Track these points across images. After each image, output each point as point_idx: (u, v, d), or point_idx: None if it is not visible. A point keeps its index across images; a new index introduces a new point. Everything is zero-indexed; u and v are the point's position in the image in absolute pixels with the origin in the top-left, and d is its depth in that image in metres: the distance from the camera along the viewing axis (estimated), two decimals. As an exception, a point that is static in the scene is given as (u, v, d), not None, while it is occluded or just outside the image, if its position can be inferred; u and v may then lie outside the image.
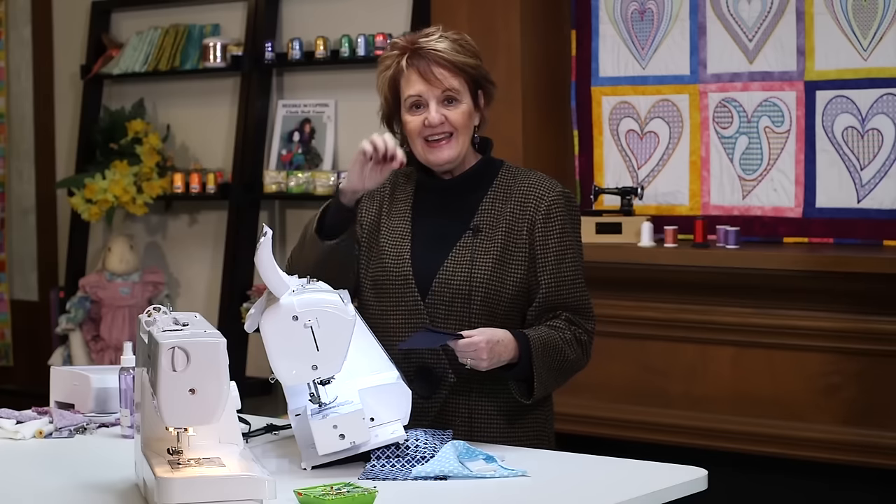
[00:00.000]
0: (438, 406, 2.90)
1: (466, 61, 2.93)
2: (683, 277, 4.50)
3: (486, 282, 2.89)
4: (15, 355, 6.62)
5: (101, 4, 6.26)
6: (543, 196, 2.94)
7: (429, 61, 2.91)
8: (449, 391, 2.90)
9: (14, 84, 6.62)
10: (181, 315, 2.44)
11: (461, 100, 2.93)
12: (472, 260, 2.91)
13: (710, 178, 4.77)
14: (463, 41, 2.96)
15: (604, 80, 4.97)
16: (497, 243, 2.92)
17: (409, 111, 2.95)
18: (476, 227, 2.93)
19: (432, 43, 2.93)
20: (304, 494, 2.32)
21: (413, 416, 2.80)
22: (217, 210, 5.97)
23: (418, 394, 2.87)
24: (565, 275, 2.92)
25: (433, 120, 2.91)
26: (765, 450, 4.42)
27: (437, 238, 2.96)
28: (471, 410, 2.91)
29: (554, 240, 2.92)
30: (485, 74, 2.98)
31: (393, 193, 3.06)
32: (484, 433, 2.90)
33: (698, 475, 2.59)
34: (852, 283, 4.22)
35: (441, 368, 2.90)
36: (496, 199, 2.96)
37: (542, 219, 2.92)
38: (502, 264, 2.91)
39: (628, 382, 4.63)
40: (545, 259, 2.91)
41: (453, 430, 2.82)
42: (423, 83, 2.92)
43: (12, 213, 6.66)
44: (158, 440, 2.42)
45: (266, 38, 5.68)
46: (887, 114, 4.44)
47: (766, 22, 4.63)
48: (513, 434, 2.92)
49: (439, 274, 2.91)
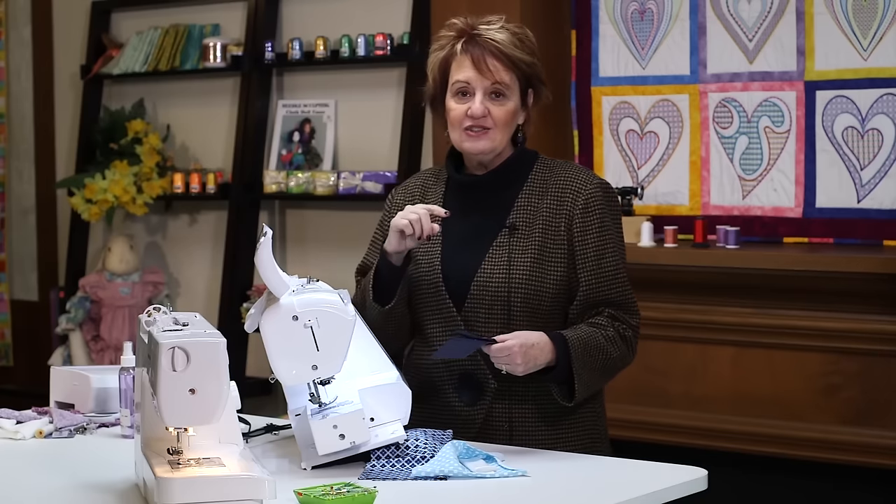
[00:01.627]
0: (484, 413, 2.85)
1: (522, 57, 2.85)
2: (683, 277, 4.50)
3: (526, 282, 2.83)
4: (15, 355, 6.62)
5: (101, 4, 6.26)
6: (581, 189, 2.87)
7: (484, 50, 2.84)
8: (492, 397, 2.85)
9: (14, 84, 6.62)
10: (181, 315, 2.44)
11: (509, 96, 2.86)
12: (510, 260, 2.84)
13: (710, 178, 4.77)
14: (523, 35, 2.88)
15: (604, 80, 4.97)
16: (535, 241, 2.85)
17: (455, 97, 2.87)
18: (512, 225, 2.86)
19: (491, 32, 2.85)
20: (304, 494, 2.32)
21: (459, 425, 2.80)
22: (217, 210, 5.97)
23: (464, 402, 2.86)
24: (606, 270, 2.85)
25: (476, 111, 2.83)
26: (765, 450, 4.42)
27: (470, 238, 2.89)
28: (511, 416, 2.86)
29: (593, 234, 2.85)
30: (538, 73, 2.90)
31: (424, 197, 2.99)
32: (526, 438, 2.84)
33: (698, 475, 2.59)
34: (852, 283, 4.22)
35: (482, 374, 2.85)
36: (532, 194, 2.89)
37: (581, 213, 2.85)
38: (541, 263, 2.84)
39: (628, 382, 4.62)
40: (584, 255, 2.84)
41: (496, 437, 2.79)
42: (473, 71, 2.83)
43: (12, 213, 6.66)
44: (158, 440, 2.42)
45: (266, 38, 5.68)
46: (887, 114, 4.44)
47: (766, 22, 4.63)
48: (560, 438, 2.86)
49: (477, 276, 2.85)
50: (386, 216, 3.01)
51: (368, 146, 5.55)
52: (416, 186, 3.02)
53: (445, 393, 2.89)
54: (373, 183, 5.38)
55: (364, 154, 5.56)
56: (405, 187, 3.05)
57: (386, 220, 3.00)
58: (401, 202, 3.00)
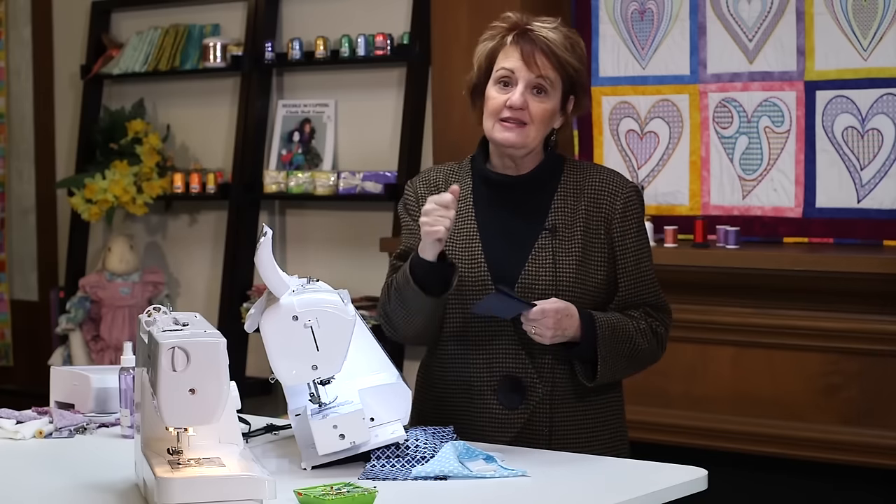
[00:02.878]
0: (525, 419, 2.84)
1: (571, 61, 2.84)
2: (683, 277, 4.49)
3: (572, 283, 2.82)
4: (15, 355, 6.62)
5: (101, 4, 6.26)
6: (617, 192, 2.87)
7: (534, 46, 2.82)
8: (537, 402, 2.84)
9: (14, 84, 6.62)
10: (181, 315, 2.44)
11: (550, 94, 2.83)
12: (555, 262, 2.83)
13: (710, 178, 4.77)
14: (575, 42, 2.87)
15: (604, 80, 4.97)
16: (577, 243, 2.84)
17: (496, 85, 2.84)
18: (553, 227, 2.85)
19: (545, 30, 2.83)
20: (304, 494, 2.32)
21: (495, 429, 2.80)
22: (217, 210, 5.97)
23: (504, 405, 2.84)
24: (644, 273, 2.87)
25: (516, 102, 2.80)
26: (765, 450, 4.42)
27: (508, 238, 2.87)
28: (552, 420, 2.85)
29: (632, 239, 2.87)
30: (583, 82, 2.89)
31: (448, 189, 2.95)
32: (564, 443, 2.83)
33: (698, 475, 2.59)
34: (852, 283, 4.22)
35: (529, 379, 2.84)
36: (567, 196, 2.88)
37: (619, 217, 2.86)
38: (585, 265, 2.84)
39: (628, 382, 4.59)
40: (624, 259, 2.86)
41: (535, 442, 2.79)
42: (520, 62, 2.81)
43: (12, 213, 6.66)
44: (158, 440, 2.42)
45: (266, 38, 5.68)
46: (887, 114, 4.44)
47: (766, 22, 4.63)
48: (597, 440, 2.87)
49: (522, 277, 2.83)
50: (411, 204, 2.95)
51: (368, 146, 5.55)
52: (437, 179, 2.97)
53: (483, 395, 2.86)
54: (373, 183, 5.38)
55: (364, 154, 5.56)
56: (426, 179, 2.99)
57: (411, 206, 2.94)
58: (424, 191, 2.94)
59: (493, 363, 2.85)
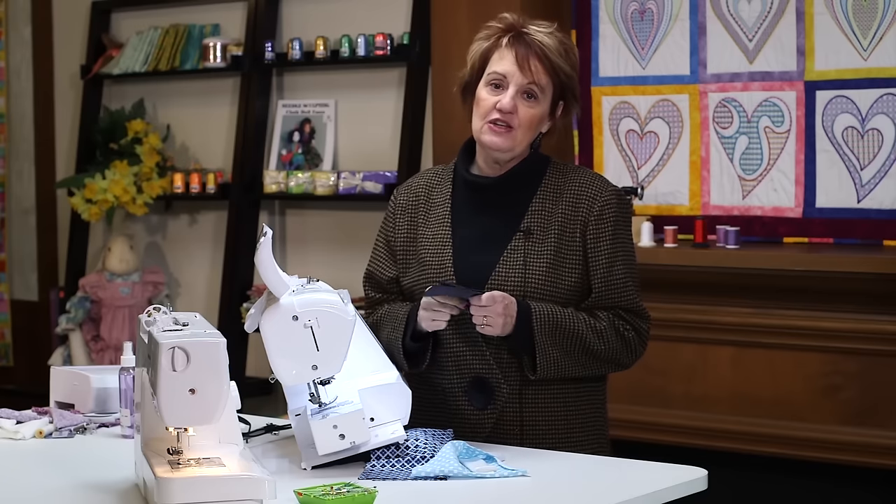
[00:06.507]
0: (495, 418, 2.86)
1: (563, 67, 2.85)
2: (683, 277, 4.50)
3: (541, 286, 2.83)
4: (15, 355, 6.62)
5: (101, 4, 6.26)
6: (596, 197, 2.87)
7: (529, 50, 2.83)
8: (504, 401, 2.85)
9: (14, 84, 6.62)
10: (181, 315, 2.44)
11: (540, 100, 2.85)
12: (525, 263, 2.84)
13: (710, 178, 4.77)
14: (569, 48, 2.89)
15: (604, 80, 4.97)
16: (550, 246, 2.85)
17: (487, 87, 2.86)
18: (527, 229, 2.86)
19: (540, 35, 2.85)
20: (304, 494, 2.32)
21: (468, 429, 2.81)
22: (217, 210, 5.97)
23: (475, 406, 2.86)
24: (616, 278, 2.86)
25: (505, 105, 2.82)
26: (765, 450, 4.43)
27: (482, 240, 2.88)
28: (522, 420, 2.86)
29: (605, 242, 2.86)
30: (574, 88, 2.90)
31: (429, 198, 2.98)
32: (536, 442, 2.84)
33: (698, 475, 2.59)
34: (852, 283, 4.22)
35: (494, 379, 2.85)
36: (546, 198, 2.89)
37: (595, 220, 2.86)
38: (556, 267, 2.84)
39: (628, 382, 4.63)
40: (597, 262, 2.85)
41: (506, 440, 2.80)
42: (513, 65, 2.83)
43: (12, 213, 6.66)
44: (158, 440, 2.42)
45: (266, 38, 5.68)
46: (887, 114, 4.44)
47: (766, 22, 4.63)
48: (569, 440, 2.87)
49: (491, 279, 2.84)
50: (389, 218, 3.01)
51: (368, 146, 5.55)
52: (419, 187, 3.01)
53: (455, 397, 2.89)
54: (373, 183, 5.38)
55: (364, 154, 5.56)
56: (408, 188, 3.04)
57: (389, 222, 3.00)
58: (404, 203, 2.99)
59: (462, 365, 2.87)
